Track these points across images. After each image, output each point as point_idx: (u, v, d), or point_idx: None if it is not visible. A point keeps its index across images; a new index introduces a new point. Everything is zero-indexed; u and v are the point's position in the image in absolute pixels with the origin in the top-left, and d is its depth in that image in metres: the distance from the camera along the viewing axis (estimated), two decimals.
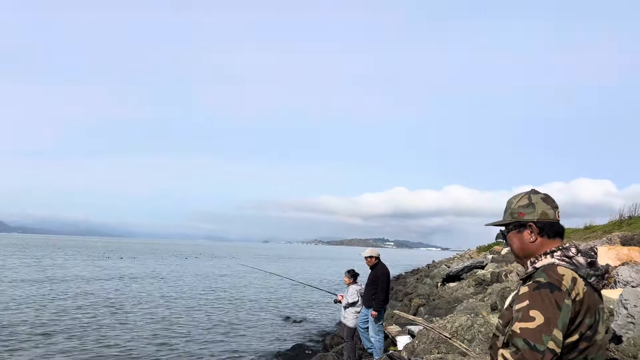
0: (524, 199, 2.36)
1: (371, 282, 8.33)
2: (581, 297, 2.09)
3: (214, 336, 12.96)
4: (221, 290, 25.04)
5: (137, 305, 17.85)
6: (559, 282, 2.09)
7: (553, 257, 2.23)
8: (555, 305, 2.05)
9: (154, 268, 39.40)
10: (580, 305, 2.08)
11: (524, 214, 2.33)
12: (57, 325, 13.19)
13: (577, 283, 2.10)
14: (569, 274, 2.13)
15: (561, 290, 2.07)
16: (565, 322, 2.05)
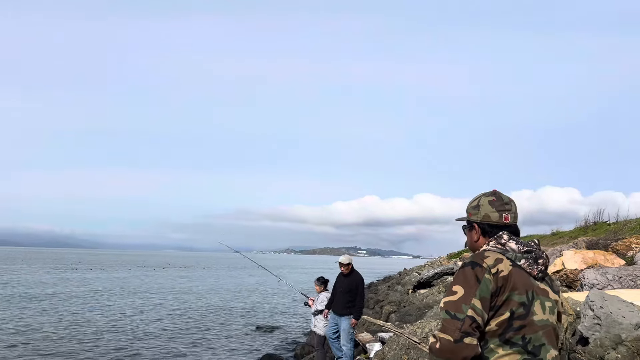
0: (475, 201, 2.51)
1: (348, 290, 8.19)
2: (505, 274, 2.19)
3: (183, 348, 12.64)
4: (189, 300, 24.56)
5: (104, 318, 17.33)
6: (481, 260, 2.22)
7: (488, 245, 2.37)
8: (475, 278, 2.18)
9: (122, 280, 38.52)
10: (504, 281, 2.18)
11: (471, 215, 2.50)
12: (24, 342, 12.65)
13: (501, 262, 2.23)
14: (493, 255, 2.26)
15: (482, 267, 2.20)
16: (485, 294, 2.16)
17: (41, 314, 17.51)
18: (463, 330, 2.12)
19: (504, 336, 2.16)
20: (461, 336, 2.11)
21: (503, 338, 2.16)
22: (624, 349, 4.09)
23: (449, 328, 2.15)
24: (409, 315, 11.90)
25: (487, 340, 2.18)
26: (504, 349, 2.16)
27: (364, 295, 8.41)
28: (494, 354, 2.16)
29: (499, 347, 2.16)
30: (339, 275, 8.49)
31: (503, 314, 2.17)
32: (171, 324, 16.52)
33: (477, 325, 2.13)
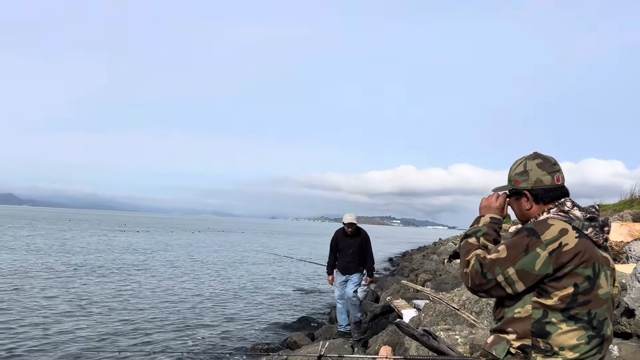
0: (520, 166, 2.32)
1: (358, 250, 8.16)
2: (570, 247, 2.04)
3: (224, 306, 13.07)
4: (233, 262, 25.46)
5: (165, 275, 18.21)
6: (542, 230, 2.07)
7: (549, 213, 2.21)
8: (525, 248, 2.05)
9: (168, 241, 40.05)
10: (568, 256, 2.04)
11: (519, 182, 2.30)
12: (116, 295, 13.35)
13: (567, 234, 2.06)
14: (558, 225, 2.09)
15: (538, 238, 2.05)
16: (528, 267, 2.04)
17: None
18: (483, 288, 2.13)
19: (567, 312, 2.04)
20: (478, 290, 2.15)
21: (567, 314, 2.04)
22: None
23: (474, 278, 2.14)
24: (444, 283, 11.87)
25: (548, 313, 2.05)
26: (567, 324, 2.04)
27: (372, 254, 8.42)
28: (556, 329, 2.04)
29: (562, 322, 2.04)
30: (340, 235, 8.36)
31: (566, 288, 2.04)
32: (216, 281, 17.11)
33: (501, 291, 2.09)
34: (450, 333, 5.08)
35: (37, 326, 9.75)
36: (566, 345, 2.02)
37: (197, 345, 9.26)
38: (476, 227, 2.30)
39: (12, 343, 8.52)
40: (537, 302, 2.07)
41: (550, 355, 2.02)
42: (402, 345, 6.42)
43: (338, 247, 8.24)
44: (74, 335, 9.28)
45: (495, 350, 2.12)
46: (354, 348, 7.64)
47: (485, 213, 2.35)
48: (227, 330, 10.61)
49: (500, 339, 2.13)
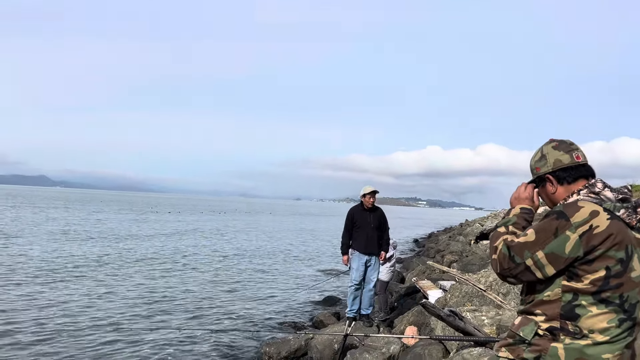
0: (537, 154, 2.31)
1: (377, 226, 7.54)
2: (601, 229, 1.98)
3: (252, 285, 13.32)
4: (261, 243, 26.02)
5: (203, 256, 18.72)
6: (571, 212, 2.02)
7: (579, 194, 2.15)
8: (554, 231, 2.01)
9: (200, 223, 41.04)
10: (600, 238, 1.98)
11: (539, 168, 2.28)
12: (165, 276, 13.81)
13: (597, 216, 2.00)
14: (588, 207, 2.03)
15: (567, 221, 2.00)
16: (558, 251, 2.00)
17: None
18: (512, 273, 2.09)
19: (599, 295, 2.00)
20: (507, 275, 2.12)
21: (598, 297, 2.00)
22: None
23: (502, 263, 2.11)
24: (471, 264, 11.81)
25: (578, 296, 2.02)
26: (598, 307, 2.00)
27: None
28: (586, 312, 2.01)
29: (593, 305, 2.00)
30: (358, 211, 7.67)
31: (597, 271, 2.00)
32: (243, 265, 17.46)
33: (530, 275, 2.05)
34: (477, 314, 5.07)
35: (81, 302, 10.15)
36: (596, 328, 1.99)
37: (227, 323, 9.48)
38: (506, 218, 2.28)
39: (68, 318, 8.89)
40: (567, 286, 2.03)
41: (579, 338, 1.99)
42: (427, 326, 6.45)
43: (356, 224, 7.52)
44: (116, 310, 9.64)
45: (522, 332, 2.09)
46: (380, 328, 7.71)
47: (516, 205, 2.32)
48: (254, 308, 10.81)
49: (528, 320, 2.10)
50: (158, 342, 7.89)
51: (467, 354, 4.02)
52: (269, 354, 7.07)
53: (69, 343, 7.71)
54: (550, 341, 2.03)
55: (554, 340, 2.03)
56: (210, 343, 8.03)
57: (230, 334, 8.49)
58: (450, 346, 4.91)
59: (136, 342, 7.87)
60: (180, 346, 7.81)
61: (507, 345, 2.14)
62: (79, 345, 7.62)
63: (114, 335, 8.23)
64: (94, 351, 7.44)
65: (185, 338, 8.14)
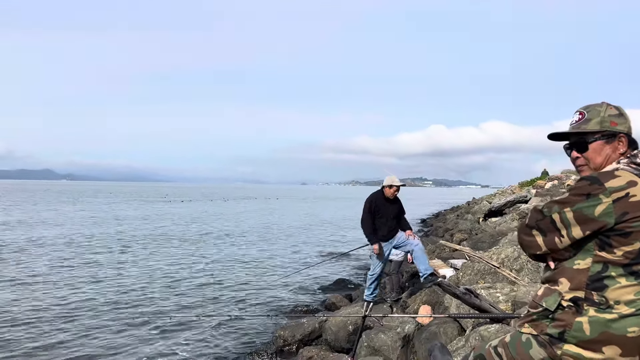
0: (612, 109, 2.13)
1: (396, 216, 7.46)
2: (638, 199, 1.90)
3: (262, 270, 13.41)
4: (269, 228, 26.29)
5: (213, 242, 18.79)
6: (606, 179, 1.94)
7: (619, 163, 2.06)
8: (586, 193, 1.94)
9: (209, 210, 41.38)
10: (636, 208, 1.90)
11: (616, 124, 2.12)
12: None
13: (636, 186, 1.93)
14: (626, 176, 1.95)
15: (601, 186, 1.92)
16: (587, 212, 1.92)
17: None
18: (537, 224, 2.05)
19: (630, 267, 1.94)
20: (532, 226, 2.07)
21: (629, 269, 1.94)
22: None
23: (532, 216, 2.10)
24: (481, 242, 11.80)
25: (609, 267, 1.96)
26: (627, 279, 1.94)
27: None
28: (614, 282, 1.95)
29: (622, 277, 1.95)
30: (380, 198, 7.48)
31: (632, 244, 1.93)
32: (252, 250, 17.58)
33: (555, 230, 2.00)
34: (492, 291, 5.07)
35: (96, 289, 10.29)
36: (623, 299, 1.93)
37: (240, 308, 9.56)
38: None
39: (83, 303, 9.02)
40: (599, 256, 1.97)
41: (604, 310, 1.94)
42: (441, 304, 6.46)
43: (378, 213, 7.34)
44: (135, 293, 9.77)
45: (546, 302, 2.04)
46: (393, 308, 7.74)
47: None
48: (267, 293, 10.89)
49: (551, 290, 2.04)
50: (174, 332, 7.99)
51: (485, 330, 4.02)
52: (284, 337, 7.12)
53: (87, 333, 7.83)
54: (575, 315, 1.97)
55: (578, 313, 1.97)
56: (225, 328, 8.12)
57: (243, 319, 8.57)
58: (465, 324, 4.92)
59: (152, 332, 7.97)
60: (196, 333, 7.90)
61: (530, 321, 2.08)
62: (96, 331, 7.74)
63: (130, 324, 8.33)
64: (112, 336, 7.56)
65: (201, 325, 8.23)
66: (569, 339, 1.98)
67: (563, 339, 1.99)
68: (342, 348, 6.63)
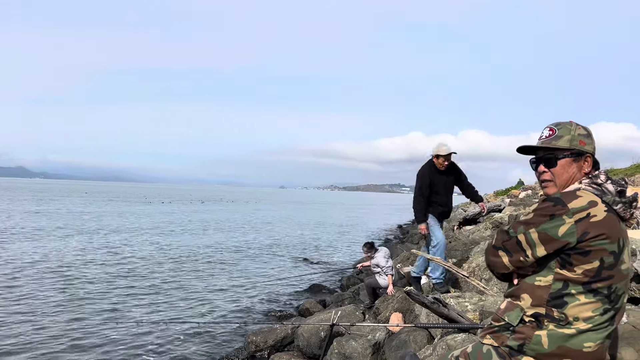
0: (581, 129, 2.22)
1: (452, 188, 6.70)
2: (598, 220, 1.99)
3: (237, 274, 13.33)
4: (246, 232, 25.94)
5: (185, 247, 18.48)
6: (569, 200, 2.02)
7: (580, 183, 2.15)
8: (550, 214, 2.01)
9: (190, 211, 40.58)
10: (597, 228, 1.98)
11: (585, 144, 2.20)
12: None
13: (596, 206, 2.01)
14: (587, 197, 2.04)
15: (565, 206, 2.00)
16: (551, 232, 2.00)
17: None
18: (504, 244, 2.12)
19: (589, 285, 2.01)
20: (499, 247, 2.14)
21: (588, 287, 2.01)
22: None
23: (498, 237, 2.17)
24: (454, 250, 11.94)
25: (569, 284, 2.03)
26: (586, 296, 2.01)
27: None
28: (574, 300, 2.02)
29: (582, 294, 2.02)
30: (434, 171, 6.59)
31: (591, 263, 2.00)
32: (227, 254, 17.43)
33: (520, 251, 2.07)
34: (460, 300, 5.15)
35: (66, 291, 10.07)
36: (581, 316, 2.01)
37: (211, 314, 9.49)
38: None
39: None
40: (559, 274, 2.04)
41: (564, 325, 2.02)
42: (412, 312, 6.53)
43: (433, 187, 6.45)
44: (103, 304, 9.59)
45: (508, 317, 2.11)
46: (365, 315, 7.78)
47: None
48: (239, 298, 10.84)
49: (514, 305, 2.12)
50: (143, 337, 7.88)
51: (451, 340, 4.09)
52: (256, 343, 7.11)
53: (50, 341, 7.67)
54: (535, 329, 2.05)
55: (538, 327, 2.04)
56: (197, 335, 8.04)
57: (216, 326, 8.51)
58: (434, 332, 4.99)
59: (122, 337, 7.85)
60: (166, 339, 7.81)
61: (491, 332, 2.16)
62: (67, 342, 7.59)
63: (100, 329, 8.20)
64: (81, 348, 7.42)
65: (171, 331, 8.14)
66: (528, 351, 2.05)
67: (522, 351, 2.06)
68: (314, 354, 6.65)
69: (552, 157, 2.21)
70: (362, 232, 30.66)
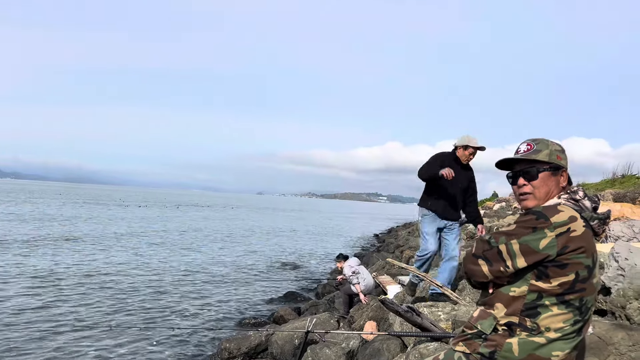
0: (557, 145, 2.30)
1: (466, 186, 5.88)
2: (577, 234, 2.06)
3: (212, 281, 13.19)
4: (224, 238, 25.76)
5: (158, 252, 18.14)
6: (551, 214, 2.08)
7: (560, 198, 2.22)
8: (532, 227, 2.06)
9: (165, 216, 39.99)
10: (575, 242, 2.05)
11: (561, 159, 2.28)
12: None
13: (576, 221, 2.08)
14: (568, 211, 2.10)
15: (547, 220, 2.05)
16: (532, 245, 2.05)
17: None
18: (484, 254, 2.14)
19: (563, 297, 2.07)
20: (479, 256, 2.16)
21: (562, 298, 2.07)
22: None
23: (478, 245, 2.19)
24: None
25: (543, 296, 2.08)
26: (559, 308, 2.07)
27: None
28: (547, 311, 2.08)
29: (555, 305, 2.07)
30: (451, 159, 5.72)
31: (567, 275, 2.06)
32: (204, 260, 17.25)
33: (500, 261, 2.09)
34: (433, 309, 5.22)
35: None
36: (552, 327, 2.07)
37: (185, 320, 9.39)
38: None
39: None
40: (535, 285, 2.09)
41: (535, 335, 2.07)
42: (386, 321, 6.58)
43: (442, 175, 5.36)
44: (72, 309, 9.40)
45: (481, 325, 2.15)
46: (340, 323, 7.81)
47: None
48: (214, 304, 10.75)
49: (487, 314, 2.16)
50: (116, 342, 7.75)
51: (424, 348, 4.14)
52: (229, 350, 7.06)
53: (22, 347, 7.50)
54: (506, 337, 2.09)
55: (510, 335, 2.09)
56: (170, 341, 7.95)
57: (189, 332, 8.43)
58: (407, 341, 5.04)
59: (93, 342, 7.72)
60: (139, 344, 7.70)
61: (464, 340, 2.19)
62: (28, 343, 7.43)
63: (71, 334, 8.05)
64: (44, 347, 7.27)
65: (144, 337, 8.03)
66: (499, 358, 2.09)
67: (493, 358, 2.10)
68: None
69: (533, 170, 2.26)
70: (338, 240, 30.72)
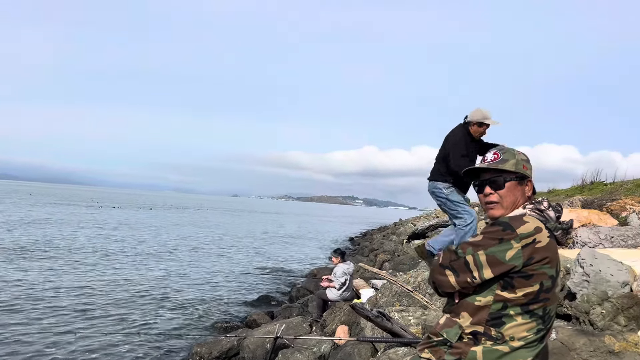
0: (522, 154, 2.33)
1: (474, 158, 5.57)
2: (542, 245, 2.10)
3: (185, 284, 13.03)
4: (198, 241, 25.42)
5: (127, 255, 17.79)
6: (517, 224, 2.10)
7: (525, 208, 2.26)
8: (498, 239, 2.09)
9: (136, 218, 39.32)
10: (540, 253, 2.09)
11: (527, 168, 2.30)
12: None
13: (541, 232, 2.11)
14: (533, 222, 2.14)
15: (513, 231, 2.08)
16: (498, 256, 2.07)
17: None
18: (451, 264, 2.14)
19: (527, 307, 2.10)
20: (446, 266, 2.15)
21: (526, 308, 2.11)
22: (609, 305, 4.24)
23: (445, 256, 2.19)
24: (402, 264, 12.19)
25: (507, 306, 2.11)
26: (523, 317, 2.11)
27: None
28: (511, 320, 2.11)
29: (519, 315, 2.11)
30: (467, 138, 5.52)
31: (532, 286, 2.10)
32: (177, 263, 17.02)
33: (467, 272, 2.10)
34: (404, 314, 5.26)
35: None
36: (517, 336, 2.11)
37: (156, 324, 9.25)
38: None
39: None
40: (500, 296, 2.12)
41: (500, 344, 2.10)
42: (358, 325, 6.61)
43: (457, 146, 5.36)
44: (41, 314, 9.15)
45: (446, 334, 2.17)
46: (312, 327, 7.80)
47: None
48: (187, 308, 10.63)
49: (453, 322, 2.18)
50: (85, 348, 7.59)
51: (393, 353, 4.18)
52: (200, 354, 6.99)
53: None
54: (471, 345, 2.12)
55: (475, 344, 2.12)
56: (141, 345, 7.84)
57: (161, 336, 8.32)
58: (378, 345, 5.07)
59: (62, 348, 7.54)
60: (109, 349, 7.56)
61: (429, 347, 2.21)
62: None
63: (40, 341, 7.84)
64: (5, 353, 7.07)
65: (114, 341, 7.89)
66: None
67: None
68: None
69: (500, 179, 2.29)
70: (313, 243, 30.73)
